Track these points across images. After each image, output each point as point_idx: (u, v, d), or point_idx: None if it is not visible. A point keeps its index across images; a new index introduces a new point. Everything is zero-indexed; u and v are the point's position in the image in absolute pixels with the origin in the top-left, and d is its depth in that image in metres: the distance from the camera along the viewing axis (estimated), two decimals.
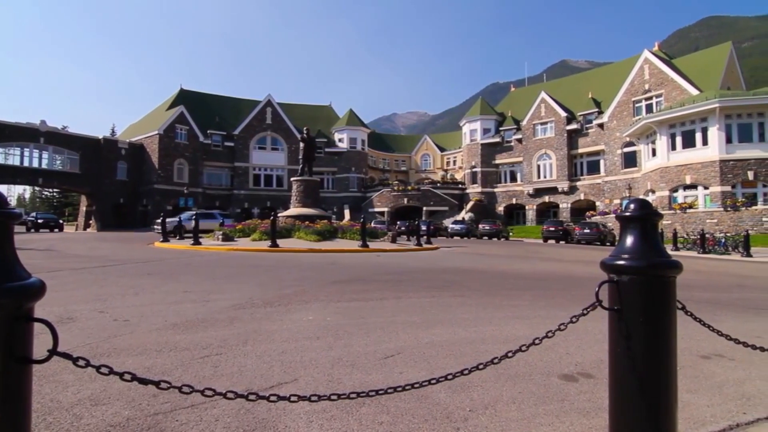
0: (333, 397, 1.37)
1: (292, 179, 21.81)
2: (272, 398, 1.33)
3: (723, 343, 2.26)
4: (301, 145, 21.39)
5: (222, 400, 2.28)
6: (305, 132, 21.40)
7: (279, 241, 14.80)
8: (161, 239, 17.14)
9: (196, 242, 15.53)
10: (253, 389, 2.52)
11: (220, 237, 16.90)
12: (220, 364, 2.98)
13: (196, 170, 44.32)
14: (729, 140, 27.80)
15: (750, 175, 27.36)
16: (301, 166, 21.41)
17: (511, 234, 35.17)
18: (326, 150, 49.94)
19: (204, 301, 5.24)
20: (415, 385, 1.48)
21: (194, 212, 25.17)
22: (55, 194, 69.15)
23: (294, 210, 20.18)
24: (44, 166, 38.80)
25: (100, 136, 42.30)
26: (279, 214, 19.42)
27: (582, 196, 40.82)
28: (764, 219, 25.71)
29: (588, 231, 27.99)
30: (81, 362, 1.15)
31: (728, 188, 27.66)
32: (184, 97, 47.12)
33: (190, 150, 43.92)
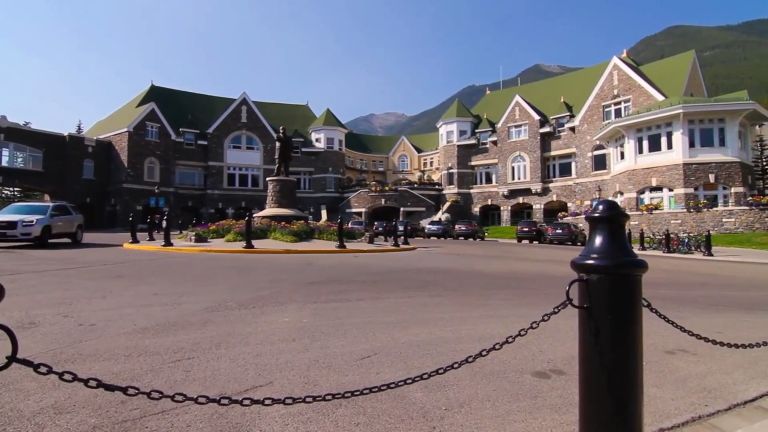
0: (308, 399, 1.35)
1: (268, 179, 21.49)
2: (245, 402, 1.30)
3: (686, 339, 2.36)
4: (277, 144, 21.11)
5: (194, 406, 2.23)
6: (281, 131, 21.13)
7: (254, 242, 14.56)
8: (130, 240, 16.59)
9: (168, 243, 15.10)
10: (227, 393, 2.47)
11: (193, 238, 16.49)
12: (192, 368, 2.90)
13: (168, 169, 43.10)
14: (692, 144, 29.07)
15: (711, 178, 28.69)
16: (277, 165, 21.13)
17: (486, 234, 35.71)
18: (303, 150, 49.47)
19: (175, 304, 5.10)
20: (391, 385, 1.48)
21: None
22: (16, 193, 65.87)
23: (270, 210, 19.89)
24: (4, 163, 36.93)
25: (66, 133, 40.57)
26: (254, 215, 19.11)
27: (554, 198, 41.86)
28: (724, 220, 27.00)
29: (560, 231, 28.74)
30: (42, 369, 1.10)
31: (691, 190, 28.91)
32: (155, 94, 45.75)
33: (162, 148, 42.67)
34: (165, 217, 16.74)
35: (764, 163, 37.54)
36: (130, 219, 17.90)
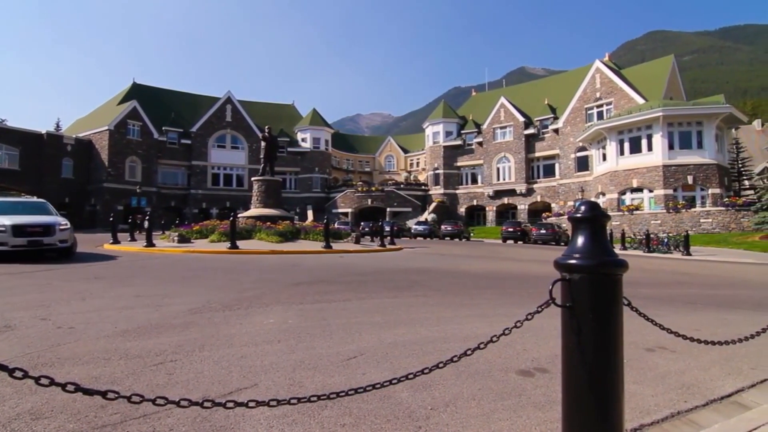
0: (293, 401, 1.34)
1: (253, 179, 21.28)
2: (229, 405, 1.29)
3: (665, 337, 2.42)
4: (263, 144, 20.92)
5: (176, 409, 2.19)
6: (267, 131, 20.95)
7: (239, 243, 14.39)
8: (111, 241, 16.23)
9: (150, 244, 14.83)
10: (210, 396, 2.44)
11: (176, 238, 16.22)
12: (175, 371, 2.86)
13: (150, 168, 42.30)
14: (671, 147, 29.79)
15: (689, 179, 29.44)
16: (262, 165, 20.94)
17: (472, 235, 35.98)
18: (289, 150, 49.12)
19: (157, 306, 5.01)
20: (377, 386, 1.48)
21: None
22: None
23: (255, 210, 19.70)
24: None
25: (43, 131, 39.50)
26: (239, 215, 18.89)
27: (539, 198, 42.42)
28: (702, 220, 27.73)
29: (544, 231, 29.13)
30: (18, 373, 1.07)
31: (670, 191, 29.62)
32: (137, 92, 44.84)
33: (144, 147, 41.86)
34: (147, 218, 16.42)
35: (740, 166, 38.66)
36: (111, 219, 17.52)
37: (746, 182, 38.63)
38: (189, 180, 45.25)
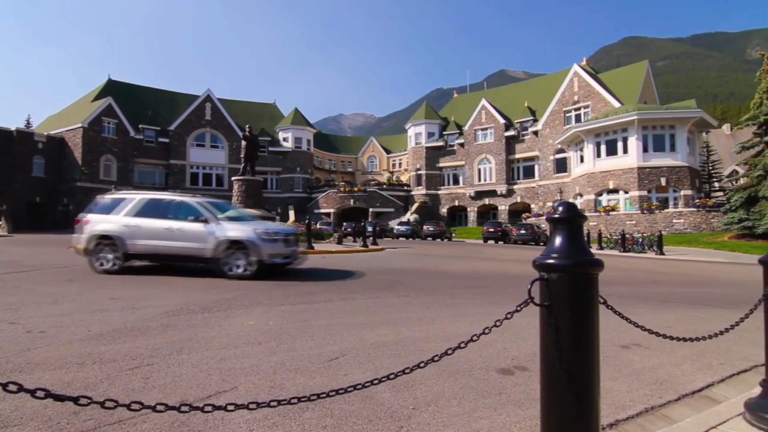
0: (273, 403, 1.33)
1: (233, 179, 20.95)
2: (207, 408, 1.26)
3: (640, 334, 2.48)
4: (243, 143, 20.62)
5: (152, 414, 2.14)
6: (247, 130, 20.66)
7: None
8: None
9: None
10: (188, 400, 2.39)
11: None
12: (152, 375, 2.79)
13: (126, 167, 41.20)
14: (645, 149, 30.66)
15: (663, 181, 30.36)
16: (243, 165, 20.64)
17: (453, 235, 36.27)
18: (270, 149, 48.57)
19: (133, 309, 4.89)
20: (359, 386, 1.48)
21: None
22: None
23: None
24: None
25: (13, 128, 38.04)
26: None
27: (519, 199, 43.06)
28: (674, 221, 28.63)
29: (524, 232, 29.59)
30: None
31: (645, 193, 30.48)
32: (112, 88, 43.61)
33: (119, 145, 40.74)
34: None
35: (710, 168, 40.07)
36: None
37: (716, 184, 40.10)
38: (167, 179, 44.25)
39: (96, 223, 8.36)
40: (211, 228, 7.91)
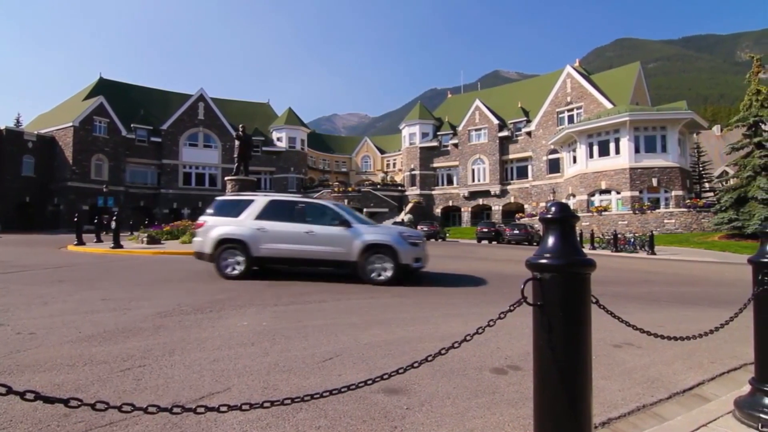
0: (266, 404, 1.32)
1: (226, 178, 20.82)
2: (200, 410, 1.25)
3: (631, 333, 2.50)
4: (237, 142, 20.50)
5: (144, 416, 2.12)
6: (241, 129, 20.54)
7: None
8: (76, 242, 15.57)
9: (117, 245, 14.30)
10: (181, 401, 2.37)
11: (145, 239, 15.72)
12: (144, 376, 2.77)
13: (118, 167, 40.80)
14: (637, 150, 30.93)
15: (654, 181, 30.65)
16: (236, 164, 20.51)
17: (447, 235, 36.34)
18: (264, 149, 48.37)
19: (125, 309, 4.84)
20: (352, 387, 1.47)
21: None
22: None
23: None
24: None
25: (2, 127, 37.55)
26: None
27: (512, 199, 43.25)
28: (666, 221, 28.91)
29: (517, 232, 29.73)
30: None
31: (636, 193, 30.75)
32: (104, 87, 43.18)
33: (111, 145, 40.34)
34: (114, 218, 15.84)
35: (700, 169, 40.53)
36: (76, 219, 16.82)
37: (706, 185, 40.57)
38: (159, 179, 43.90)
39: (217, 226, 7.95)
40: (356, 231, 7.54)
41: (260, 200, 8.18)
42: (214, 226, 7.98)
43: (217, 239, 7.81)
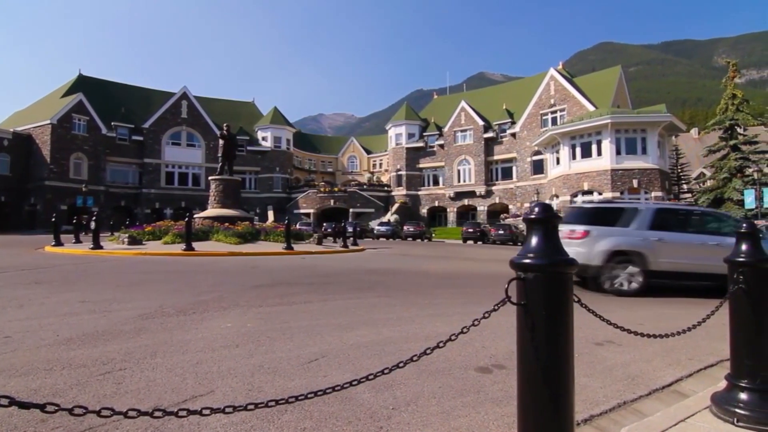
0: (250, 406, 1.31)
1: (210, 178, 20.57)
2: (182, 413, 1.23)
3: (613, 331, 2.55)
4: (221, 142, 20.27)
5: (124, 420, 2.08)
6: (225, 128, 20.30)
7: (195, 244, 13.86)
8: (53, 243, 15.17)
9: (97, 246, 13.98)
10: (163, 405, 2.33)
11: (126, 240, 15.40)
12: (124, 380, 2.71)
13: (98, 166, 39.87)
14: (618, 152, 31.58)
15: (635, 183, 31.33)
16: (220, 164, 20.28)
17: (433, 235, 36.54)
18: (248, 148, 47.85)
19: (105, 312, 4.74)
20: (337, 388, 1.47)
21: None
22: None
23: (212, 211, 19.04)
24: None
25: None
26: (195, 215, 18.20)
27: (497, 200, 43.71)
28: None
29: (502, 232, 30.08)
30: None
31: (618, 194, 31.38)
32: (83, 84, 42.15)
33: (91, 143, 39.39)
34: (94, 218, 15.48)
35: (679, 171, 41.59)
36: (53, 219, 16.38)
37: (685, 186, 41.66)
38: (141, 178, 43.06)
39: (604, 236, 7.19)
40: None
41: (648, 208, 7.50)
42: (601, 237, 7.20)
43: (609, 251, 7.10)
